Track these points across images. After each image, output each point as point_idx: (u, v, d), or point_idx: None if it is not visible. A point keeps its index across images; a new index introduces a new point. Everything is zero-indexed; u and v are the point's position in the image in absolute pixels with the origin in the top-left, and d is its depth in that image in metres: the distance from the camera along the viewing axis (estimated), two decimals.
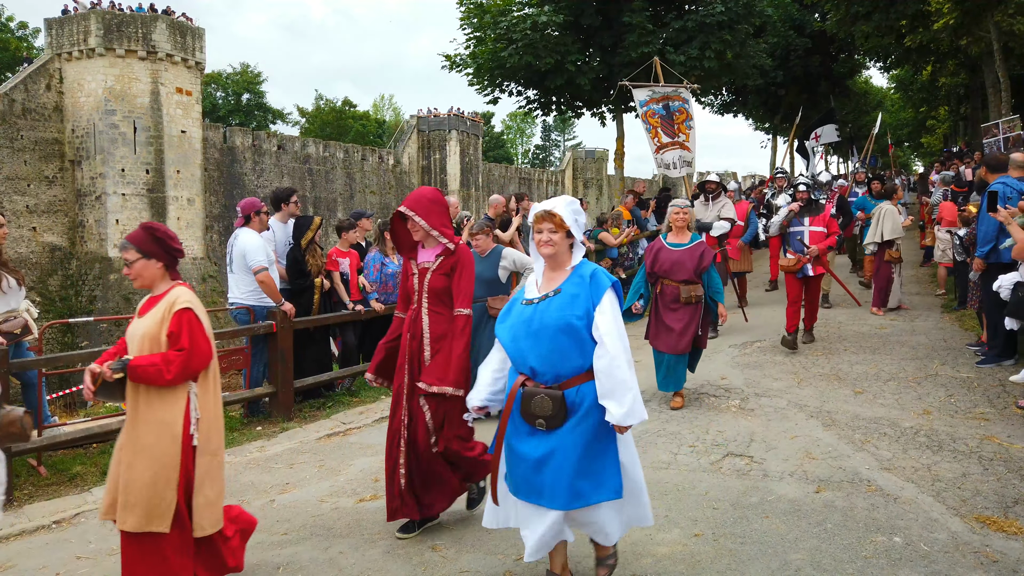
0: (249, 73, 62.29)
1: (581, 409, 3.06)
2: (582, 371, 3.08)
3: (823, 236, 8.17)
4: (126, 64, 30.23)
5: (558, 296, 3.12)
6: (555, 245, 3.15)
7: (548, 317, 3.08)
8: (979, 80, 24.96)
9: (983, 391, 6.41)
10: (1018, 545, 3.69)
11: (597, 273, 3.13)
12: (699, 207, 9.99)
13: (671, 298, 6.35)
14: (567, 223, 3.14)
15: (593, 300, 3.06)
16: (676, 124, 12.21)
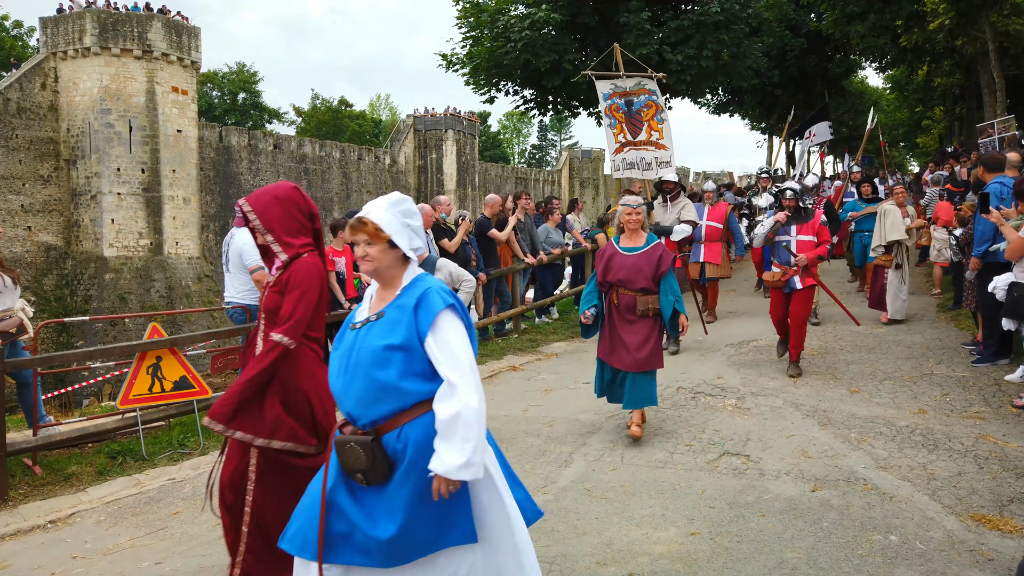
0: (245, 72, 62.17)
1: (406, 457, 2.50)
2: (402, 410, 2.53)
3: (812, 245, 7.22)
4: (121, 63, 30.17)
5: (379, 321, 2.58)
6: (374, 260, 2.60)
7: (364, 348, 2.56)
8: (974, 80, 25.02)
9: (979, 390, 6.43)
10: (1013, 543, 3.70)
11: (430, 293, 2.56)
12: (658, 209, 9.28)
13: (627, 309, 5.59)
14: (385, 231, 2.59)
15: (419, 326, 2.52)
16: (646, 120, 10.96)
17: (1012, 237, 5.86)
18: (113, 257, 29.86)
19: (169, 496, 5.01)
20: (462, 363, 2.47)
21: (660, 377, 7.48)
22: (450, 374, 2.45)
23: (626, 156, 10.98)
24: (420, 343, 2.51)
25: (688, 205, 9.20)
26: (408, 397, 2.51)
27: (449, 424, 2.39)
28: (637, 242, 5.69)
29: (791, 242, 7.26)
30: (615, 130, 10.90)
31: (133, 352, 6.03)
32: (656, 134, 10.91)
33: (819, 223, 7.28)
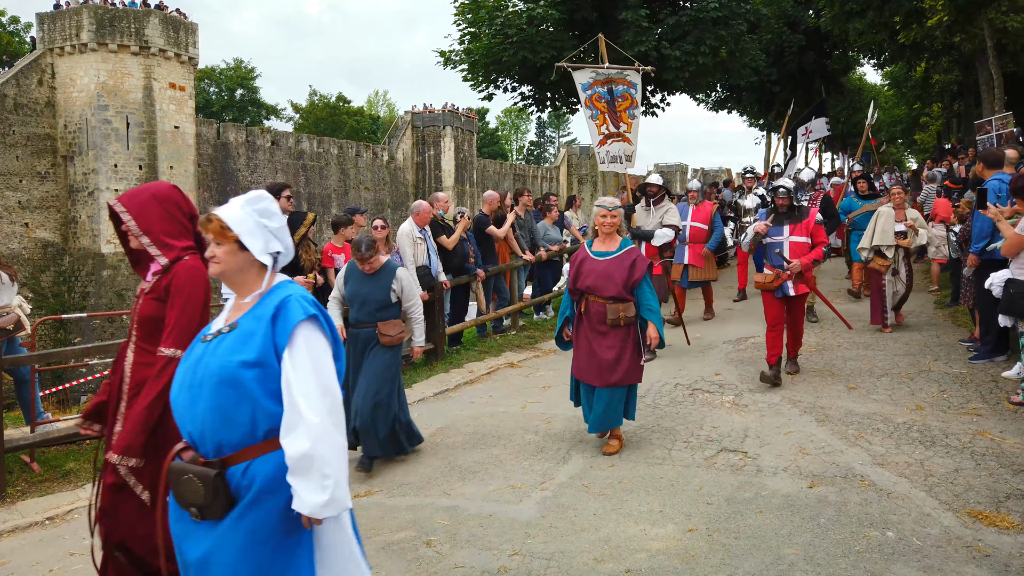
0: (243, 69, 62.06)
1: (249, 495, 2.20)
2: (254, 442, 2.22)
3: (807, 248, 6.73)
4: (119, 59, 30.08)
5: (232, 333, 2.29)
6: (220, 262, 2.34)
7: (212, 363, 2.26)
8: (972, 77, 25.02)
9: (976, 387, 6.44)
10: (1010, 539, 3.71)
11: (289, 302, 2.26)
12: (640, 213, 8.73)
13: (598, 319, 5.20)
14: (233, 230, 2.31)
15: (277, 340, 2.23)
16: (618, 112, 10.42)
17: (1008, 234, 5.87)
18: (111, 253, 29.80)
19: None
20: (315, 385, 2.19)
21: (658, 374, 7.50)
22: (300, 399, 2.15)
23: (610, 148, 10.49)
24: (277, 359, 2.23)
25: (672, 209, 8.68)
26: (261, 424, 2.22)
27: (301, 461, 2.12)
28: (610, 247, 5.32)
29: (783, 244, 6.78)
30: (598, 121, 10.38)
31: None
32: (624, 127, 10.46)
33: (814, 223, 6.80)
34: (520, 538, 3.97)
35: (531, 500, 4.51)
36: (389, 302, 5.36)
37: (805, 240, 6.75)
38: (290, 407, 2.17)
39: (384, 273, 5.38)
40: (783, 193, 6.91)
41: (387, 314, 5.36)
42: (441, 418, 6.47)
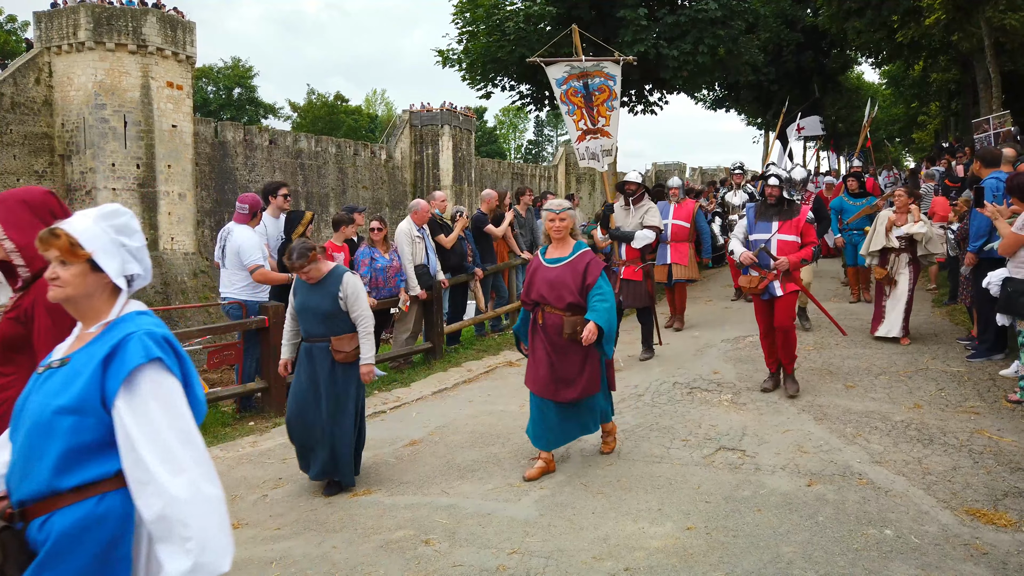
0: (240, 67, 61.98)
1: (42, 552, 1.88)
2: (58, 492, 1.90)
3: (796, 247, 6.34)
4: (116, 58, 30.02)
5: (61, 371, 1.98)
6: (66, 285, 1.99)
7: (32, 403, 1.97)
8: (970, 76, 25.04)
9: (973, 385, 6.46)
10: (1007, 537, 3.72)
11: (130, 342, 1.93)
12: (619, 213, 8.13)
13: (555, 331, 4.78)
14: (86, 248, 1.99)
15: (106, 387, 1.91)
16: (596, 105, 9.83)
17: (1005, 232, 5.88)
18: None
19: None
20: (172, 437, 1.89)
21: (657, 372, 7.51)
22: (147, 456, 1.86)
23: (589, 145, 10.01)
24: (104, 407, 1.91)
25: (652, 209, 7.99)
26: (70, 475, 1.90)
27: (157, 524, 1.86)
28: (563, 252, 4.88)
29: (771, 242, 6.41)
30: (575, 116, 9.89)
31: None
32: (603, 120, 9.88)
33: (804, 221, 6.41)
34: (519, 536, 3.98)
35: (530, 499, 4.51)
36: (337, 311, 4.86)
37: (794, 239, 6.36)
38: (135, 465, 1.87)
39: (329, 280, 4.89)
40: (774, 182, 6.51)
41: (337, 325, 4.87)
42: (439, 417, 6.48)
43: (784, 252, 6.33)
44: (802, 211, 6.46)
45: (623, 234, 7.90)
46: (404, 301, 8.13)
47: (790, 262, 6.22)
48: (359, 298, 4.90)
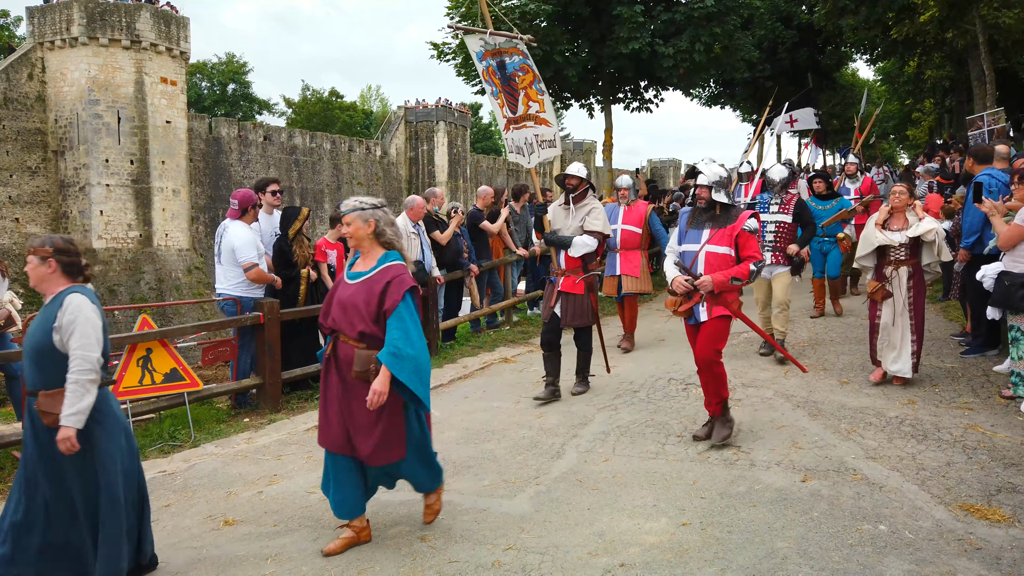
0: (235, 63, 61.75)
1: None
2: None
3: (729, 261, 5.12)
4: (110, 53, 29.89)
5: None
6: None
7: None
8: (964, 73, 25.10)
9: (967, 381, 6.48)
10: (1001, 532, 3.74)
11: None
12: (557, 213, 6.71)
13: (347, 367, 3.73)
14: None
15: None
16: (521, 89, 8.08)
17: (1001, 229, 5.89)
18: (102, 249, 29.65)
19: (160, 488, 4.99)
20: None
21: (652, 368, 7.51)
22: None
23: (513, 136, 8.26)
24: None
25: (596, 209, 6.61)
26: None
27: None
28: (367, 265, 3.87)
29: (699, 256, 5.19)
30: (499, 100, 8.12)
31: (123, 344, 6.00)
32: (536, 105, 8.15)
33: (743, 230, 5.11)
34: (514, 532, 3.98)
35: (525, 495, 4.51)
36: (50, 350, 3.36)
37: (726, 251, 5.13)
38: None
39: (52, 304, 3.45)
40: (703, 184, 5.26)
41: (49, 373, 3.36)
42: (434, 413, 6.46)
43: (714, 267, 5.11)
44: (739, 218, 5.17)
45: (559, 239, 6.54)
46: None
47: (715, 281, 5.01)
48: (77, 329, 3.33)
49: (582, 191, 6.63)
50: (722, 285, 5.05)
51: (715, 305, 5.12)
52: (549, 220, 6.72)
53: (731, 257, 5.13)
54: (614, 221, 8.19)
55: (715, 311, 5.12)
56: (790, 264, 7.60)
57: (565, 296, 6.52)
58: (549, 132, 8.25)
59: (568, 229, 6.57)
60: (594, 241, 6.52)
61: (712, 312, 5.12)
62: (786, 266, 7.60)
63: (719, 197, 5.21)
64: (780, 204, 7.72)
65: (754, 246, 5.13)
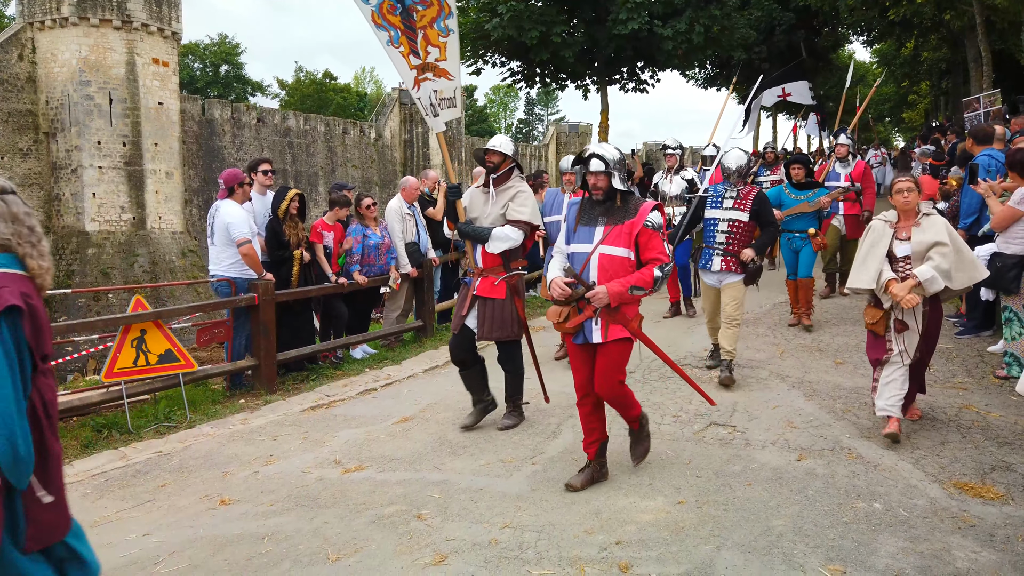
0: (227, 44, 61.21)
1: None
2: None
3: (628, 266, 4.12)
4: (101, 34, 29.54)
5: None
6: None
7: None
8: (961, 55, 25.05)
9: (962, 361, 6.51)
10: (995, 510, 3.76)
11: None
12: (474, 198, 5.44)
13: None
14: None
15: None
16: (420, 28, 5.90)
17: (997, 209, 5.90)
18: (95, 232, 29.48)
19: (156, 469, 4.99)
20: None
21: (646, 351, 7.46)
22: None
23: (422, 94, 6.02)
24: None
25: (523, 194, 5.27)
26: None
27: None
28: None
29: (592, 259, 4.16)
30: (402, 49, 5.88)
31: (117, 325, 5.97)
32: (436, 51, 5.99)
33: (645, 226, 4.10)
34: (511, 511, 3.99)
35: (521, 474, 4.52)
36: None
37: (625, 254, 4.10)
38: None
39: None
40: (596, 168, 4.14)
41: None
42: (431, 394, 6.47)
43: (610, 274, 4.09)
44: (640, 211, 4.12)
45: (475, 231, 5.25)
46: (395, 279, 8.10)
47: (610, 293, 3.99)
48: None
49: (505, 171, 5.29)
50: (620, 297, 4.03)
51: (612, 324, 4.09)
52: (465, 207, 5.41)
53: (630, 261, 4.12)
54: (557, 210, 6.88)
55: (612, 332, 4.09)
56: (744, 272, 6.18)
57: (482, 302, 5.24)
58: (449, 87, 6.13)
59: (487, 218, 5.28)
60: (519, 233, 5.16)
61: (608, 333, 4.10)
62: (739, 274, 6.16)
63: (617, 185, 4.15)
64: (736, 198, 6.26)
65: (658, 246, 4.12)
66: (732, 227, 6.22)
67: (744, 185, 6.35)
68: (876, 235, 4.84)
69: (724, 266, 6.18)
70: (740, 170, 6.35)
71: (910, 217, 4.81)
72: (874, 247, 4.80)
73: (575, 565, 3.40)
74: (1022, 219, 5.69)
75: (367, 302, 8.47)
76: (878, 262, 4.73)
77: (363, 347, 8.18)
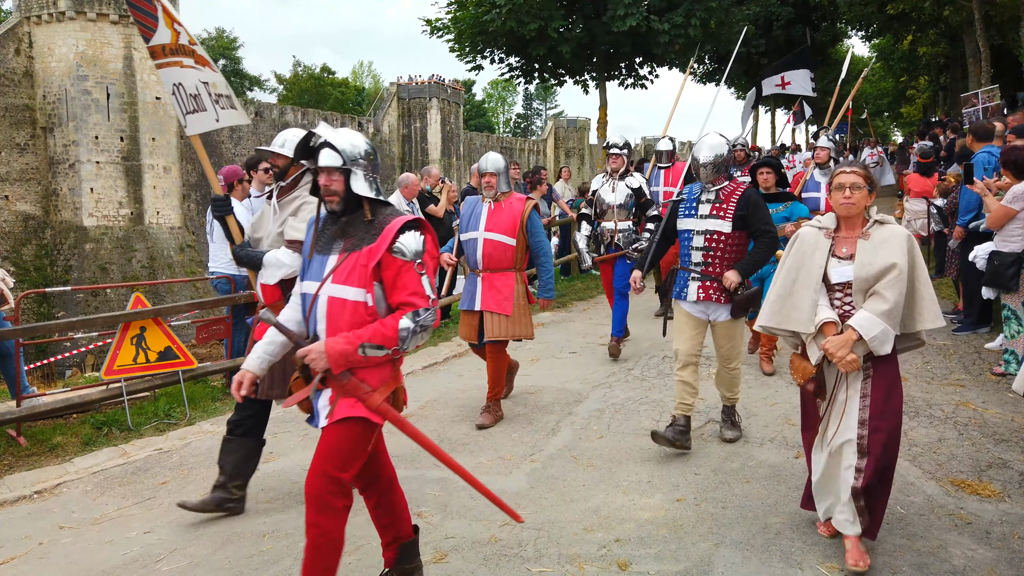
0: (224, 38, 61.07)
1: None
2: None
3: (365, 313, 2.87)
4: (97, 28, 29.46)
5: None
6: None
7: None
8: (959, 50, 25.04)
9: (959, 358, 6.53)
10: (991, 507, 3.78)
11: None
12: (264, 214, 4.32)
13: None
14: None
15: None
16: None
17: (993, 206, 5.91)
18: (93, 227, 29.45)
19: (156, 466, 5.00)
20: None
21: (646, 346, 7.53)
22: None
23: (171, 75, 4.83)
24: None
25: (308, 205, 3.97)
26: None
27: None
28: None
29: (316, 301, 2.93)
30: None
31: (117, 322, 5.98)
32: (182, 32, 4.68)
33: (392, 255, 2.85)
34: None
35: (521, 472, 4.54)
36: None
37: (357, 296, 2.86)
38: None
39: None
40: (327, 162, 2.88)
41: None
42: (430, 391, 6.49)
43: (339, 325, 2.86)
44: (386, 231, 2.85)
45: (249, 256, 4.10)
46: None
47: (330, 354, 2.78)
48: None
49: (293, 178, 4.05)
50: (345, 359, 2.79)
51: (341, 398, 2.86)
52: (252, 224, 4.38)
53: (368, 307, 2.84)
54: (474, 225, 5.46)
55: (340, 409, 2.85)
56: (732, 301, 4.60)
57: None
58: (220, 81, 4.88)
59: (268, 238, 4.11)
60: (295, 259, 3.88)
61: (334, 411, 2.86)
62: (726, 304, 4.61)
63: (361, 189, 2.88)
64: (714, 202, 4.66)
65: (412, 284, 2.83)
66: (711, 241, 4.61)
67: (727, 182, 4.73)
68: (806, 248, 3.37)
69: (704, 295, 4.61)
70: (717, 162, 4.67)
71: (854, 226, 3.36)
72: (803, 268, 3.34)
73: (574, 563, 3.42)
74: (1017, 217, 5.71)
75: None
76: (811, 291, 3.29)
77: None
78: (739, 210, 4.60)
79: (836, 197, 3.34)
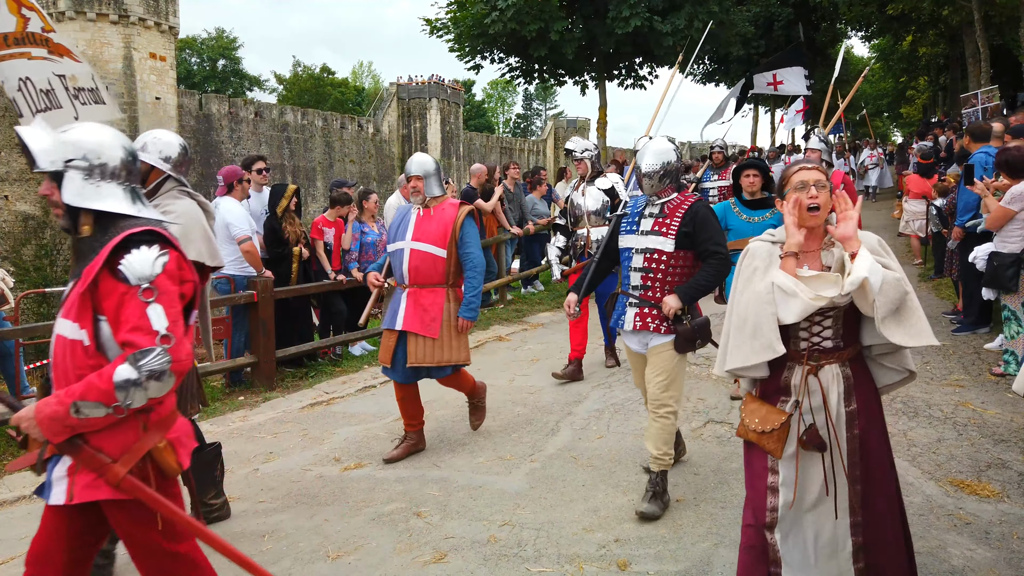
0: (224, 38, 61.07)
1: None
2: None
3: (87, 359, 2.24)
4: (97, 28, 29.47)
5: None
6: None
7: None
8: (959, 50, 25.05)
9: (958, 358, 6.53)
10: (990, 507, 3.79)
11: None
12: None
13: None
14: None
15: None
16: None
17: (992, 207, 5.92)
18: None
19: None
20: None
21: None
22: None
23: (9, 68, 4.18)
24: None
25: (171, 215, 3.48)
26: None
27: None
28: None
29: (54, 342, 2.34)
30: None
31: None
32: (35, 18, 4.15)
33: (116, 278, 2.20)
34: (510, 508, 4.01)
35: (520, 472, 4.54)
36: None
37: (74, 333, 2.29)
38: None
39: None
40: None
41: None
42: (429, 392, 6.45)
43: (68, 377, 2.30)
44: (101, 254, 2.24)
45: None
46: None
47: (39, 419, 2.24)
48: None
49: (154, 183, 3.65)
50: (60, 425, 2.20)
51: (77, 473, 2.27)
52: None
53: (85, 347, 2.27)
54: (402, 235, 4.85)
55: (80, 490, 2.26)
56: (674, 331, 3.90)
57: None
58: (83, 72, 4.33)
59: None
60: None
61: (74, 493, 2.27)
62: (667, 335, 3.92)
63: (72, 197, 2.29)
64: (657, 216, 3.98)
65: (133, 316, 2.19)
66: (650, 261, 3.94)
67: (674, 194, 4.04)
68: (759, 264, 2.67)
69: (641, 323, 3.95)
70: (666, 170, 4.00)
71: (815, 239, 2.69)
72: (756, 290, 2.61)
73: (574, 563, 3.42)
74: (1016, 218, 5.72)
75: (365, 299, 8.47)
76: (770, 306, 2.56)
77: (362, 344, 8.19)
78: (684, 226, 3.88)
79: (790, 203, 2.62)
